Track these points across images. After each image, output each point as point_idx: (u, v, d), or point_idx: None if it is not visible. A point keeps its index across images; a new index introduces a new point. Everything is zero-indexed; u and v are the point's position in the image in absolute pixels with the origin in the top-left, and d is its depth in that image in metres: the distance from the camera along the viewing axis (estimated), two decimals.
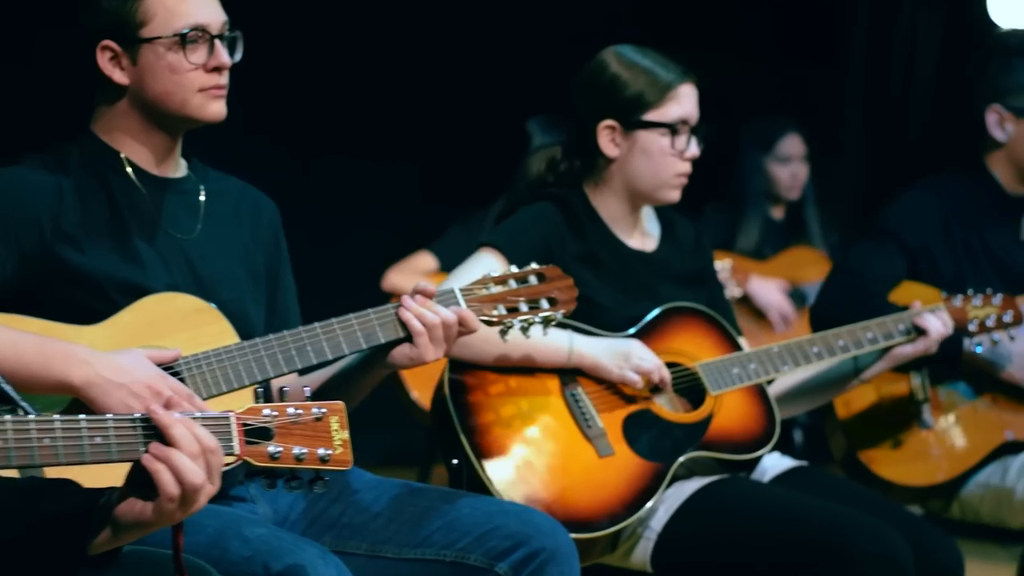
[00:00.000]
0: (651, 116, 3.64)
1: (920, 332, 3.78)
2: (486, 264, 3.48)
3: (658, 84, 3.64)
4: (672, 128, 3.64)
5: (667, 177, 3.68)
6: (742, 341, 3.79)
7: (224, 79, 3.07)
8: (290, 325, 3.11)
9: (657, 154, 3.66)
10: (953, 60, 7.97)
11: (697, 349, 3.66)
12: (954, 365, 4.07)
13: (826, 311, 4.03)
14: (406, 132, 6.66)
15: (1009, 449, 4.10)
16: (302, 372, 3.13)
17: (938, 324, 3.75)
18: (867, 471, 4.08)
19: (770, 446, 3.60)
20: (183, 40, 3.01)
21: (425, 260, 6.08)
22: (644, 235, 3.79)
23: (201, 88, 3.04)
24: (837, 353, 3.73)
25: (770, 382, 3.74)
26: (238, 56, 3.10)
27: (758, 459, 3.61)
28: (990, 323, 3.88)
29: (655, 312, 3.65)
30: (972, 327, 3.87)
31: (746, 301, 6.28)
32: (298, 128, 6.45)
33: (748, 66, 7.43)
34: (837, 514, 3.41)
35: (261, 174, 3.36)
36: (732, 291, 6.03)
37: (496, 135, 5.95)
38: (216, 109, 3.07)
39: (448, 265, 6.20)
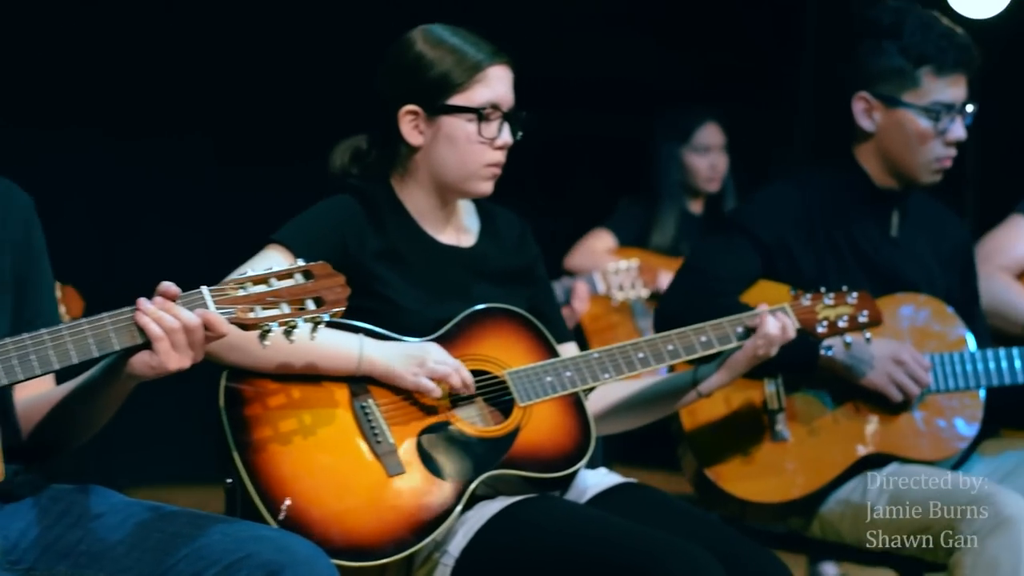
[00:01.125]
0: (456, 100, 3.33)
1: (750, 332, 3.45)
2: (270, 262, 3.17)
3: (465, 64, 3.32)
4: (479, 113, 3.33)
5: (475, 167, 3.36)
6: (568, 347, 3.47)
7: None
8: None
9: (463, 142, 3.34)
10: None
11: (508, 355, 3.34)
12: (808, 371, 3.75)
13: (669, 313, 3.69)
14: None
15: (873, 463, 3.77)
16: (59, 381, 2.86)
17: (774, 325, 3.42)
18: (715, 488, 3.75)
19: (582, 463, 3.28)
20: None
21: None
22: (459, 230, 3.47)
23: None
24: (665, 359, 3.41)
25: (589, 392, 3.42)
26: None
27: (570, 477, 3.29)
28: (842, 324, 3.54)
29: (463, 314, 3.34)
30: (821, 328, 3.53)
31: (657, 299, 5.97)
32: None
33: (688, 55, 7.16)
34: (648, 537, 3.09)
35: None
36: (640, 291, 5.70)
37: None
38: None
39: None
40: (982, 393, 3.85)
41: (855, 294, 3.57)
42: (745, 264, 3.81)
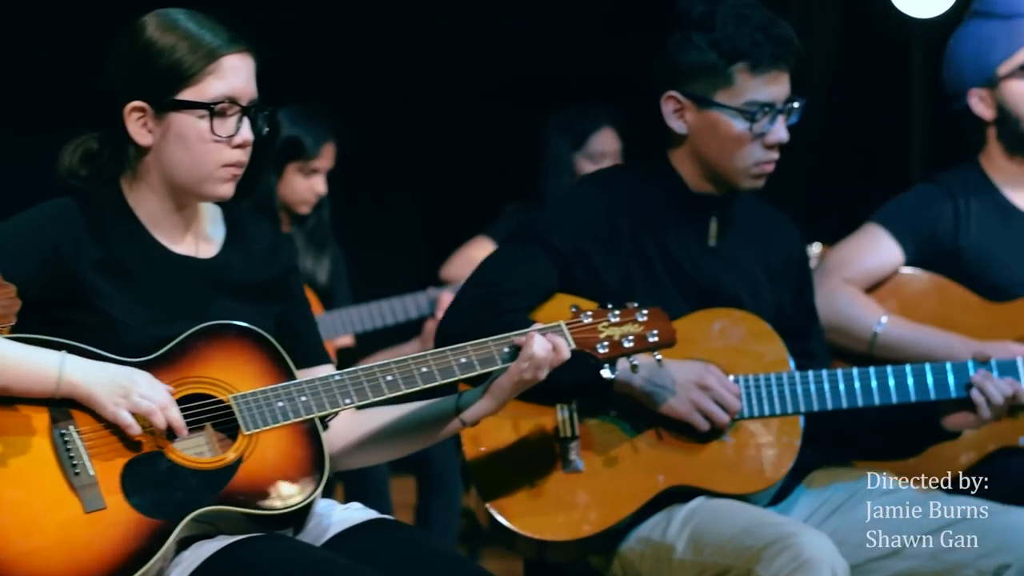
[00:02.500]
0: (186, 94, 2.99)
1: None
2: None
3: (197, 54, 2.99)
4: (211, 109, 2.99)
5: (210, 169, 3.03)
6: (321, 370, 3.13)
7: None
8: None
9: (195, 141, 3.01)
10: (852, 56, 7.40)
11: (238, 378, 2.99)
12: (601, 396, 3.40)
13: (450, 331, 3.33)
14: None
15: (678, 496, 3.42)
16: None
17: (541, 346, 3.06)
18: (498, 524, 3.40)
19: (310, 498, 2.94)
20: None
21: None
22: (199, 238, 3.13)
23: None
24: (418, 383, 3.06)
25: (328, 419, 3.08)
26: None
27: (299, 514, 2.95)
28: (627, 344, 3.18)
29: (188, 332, 3.00)
30: (602, 348, 3.17)
31: None
32: None
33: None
34: None
35: None
36: None
37: None
38: None
39: None
40: (802, 420, 3.50)
41: (645, 311, 3.21)
42: (539, 276, 3.46)
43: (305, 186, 5.42)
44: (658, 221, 3.55)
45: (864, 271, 4.13)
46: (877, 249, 4.14)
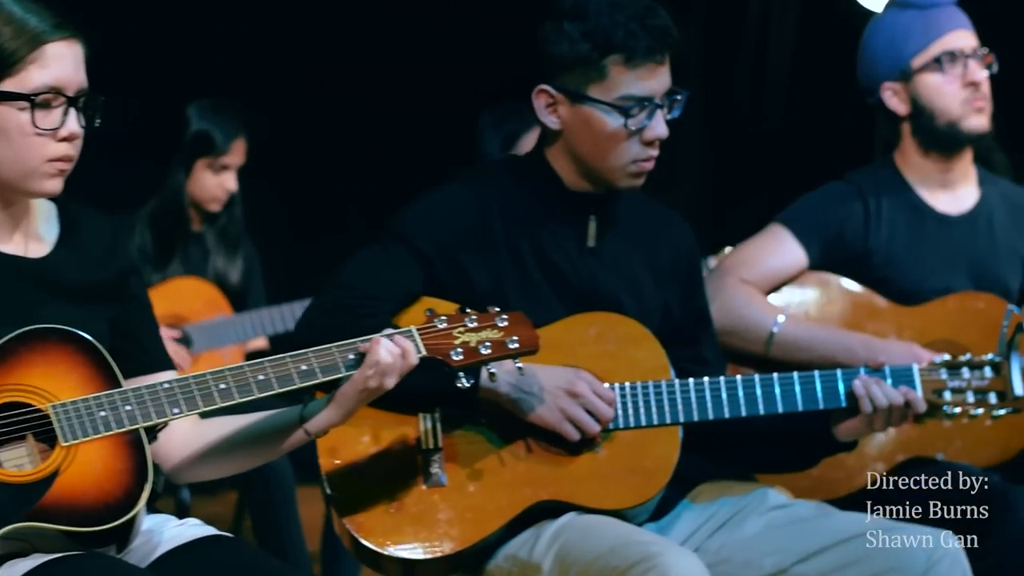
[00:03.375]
0: (7, 84, 2.82)
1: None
2: None
3: (19, 40, 2.81)
4: (31, 100, 2.81)
5: (35, 164, 2.85)
6: (160, 376, 2.94)
7: None
8: None
9: (17, 134, 2.83)
10: (812, 51, 7.25)
11: (60, 386, 2.80)
12: (465, 405, 3.21)
13: (305, 337, 3.12)
14: None
15: (548, 511, 3.23)
16: None
17: (386, 352, 2.88)
18: (357, 543, 3.21)
19: (128, 515, 2.75)
20: None
21: None
22: (29, 237, 2.95)
23: None
24: (254, 391, 2.87)
25: (158, 429, 2.89)
26: None
27: (117, 531, 2.76)
28: (484, 350, 2.99)
29: (7, 337, 2.81)
30: (456, 355, 2.98)
31: None
32: None
33: None
34: None
35: None
36: None
37: None
38: None
39: None
40: (681, 431, 3.31)
41: (506, 316, 3.02)
42: (401, 279, 3.27)
43: (215, 183, 5.25)
44: (533, 221, 3.36)
45: (764, 273, 3.95)
46: (779, 250, 3.96)
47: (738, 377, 3.31)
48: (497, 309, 3.03)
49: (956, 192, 4.05)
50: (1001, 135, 6.42)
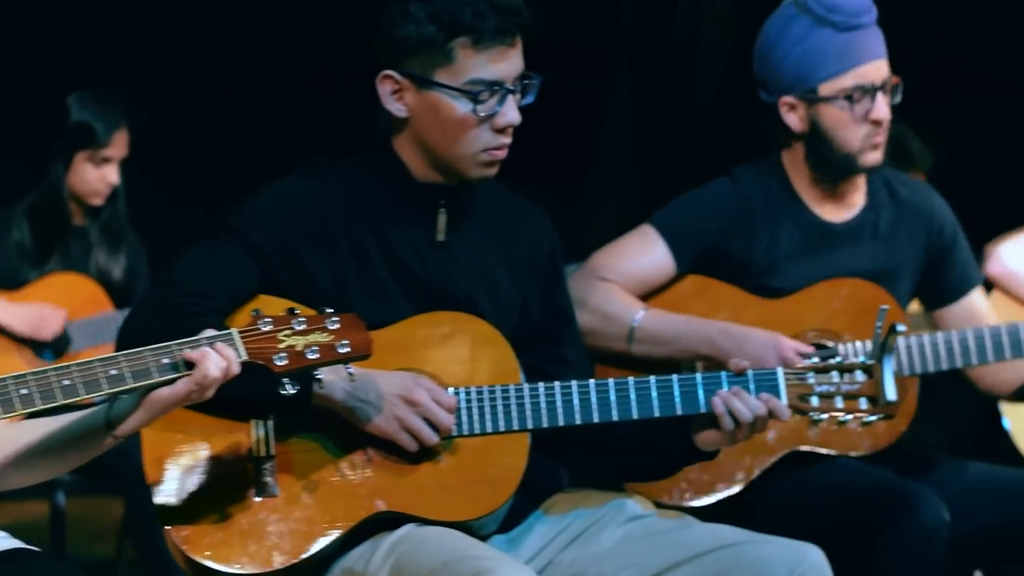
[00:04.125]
0: None
1: (190, 366, 2.74)
2: None
3: None
4: None
5: None
6: None
7: None
8: None
9: None
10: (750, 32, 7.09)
11: None
12: (297, 411, 3.02)
13: (129, 337, 2.95)
14: None
15: (387, 523, 3.04)
16: None
17: (212, 369, 2.69)
18: (185, 556, 3.01)
19: None
20: None
21: None
22: None
23: None
24: (58, 398, 2.68)
25: None
26: None
27: None
28: (312, 355, 2.81)
29: None
30: (280, 360, 2.80)
31: None
32: None
33: None
34: None
35: None
36: None
37: None
38: None
39: None
40: (530, 437, 3.13)
41: (337, 318, 2.84)
42: (234, 276, 3.08)
43: (96, 176, 5.06)
44: (380, 215, 3.17)
45: (628, 277, 3.79)
46: (647, 256, 3.80)
47: (591, 381, 3.13)
48: (330, 311, 2.85)
49: (843, 200, 3.87)
50: (921, 126, 6.32)
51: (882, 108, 3.75)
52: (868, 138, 3.75)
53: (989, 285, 4.39)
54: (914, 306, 4.03)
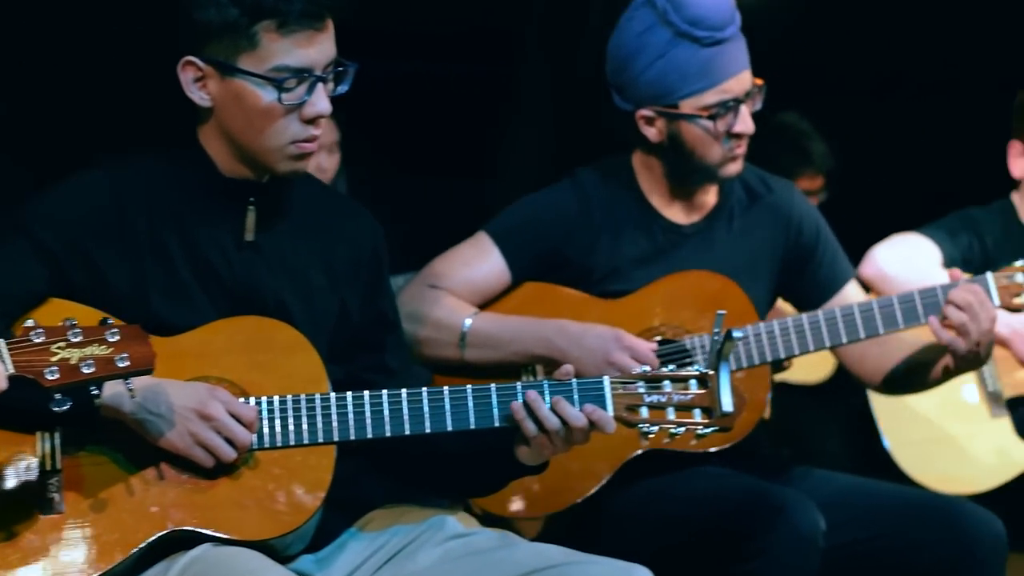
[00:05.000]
0: None
1: None
2: None
3: None
4: None
5: None
6: None
7: None
8: None
9: None
10: None
11: None
12: (84, 424, 2.81)
13: None
14: None
15: (184, 543, 2.83)
16: None
17: None
18: None
19: None
20: None
21: None
22: None
23: None
24: None
25: None
26: None
27: None
28: (87, 369, 2.61)
29: None
30: (51, 374, 2.59)
31: None
32: None
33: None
34: None
35: None
36: None
37: None
38: None
39: None
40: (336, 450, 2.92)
41: (117, 330, 2.63)
42: (19, 278, 2.86)
43: None
44: (183, 212, 2.97)
45: (462, 285, 3.61)
46: (482, 264, 3.64)
47: (403, 391, 2.93)
48: (110, 321, 2.65)
49: (693, 202, 3.68)
50: (819, 123, 6.16)
51: (745, 121, 3.57)
52: (730, 151, 3.58)
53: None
54: None
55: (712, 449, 3.51)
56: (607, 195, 3.65)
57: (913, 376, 3.69)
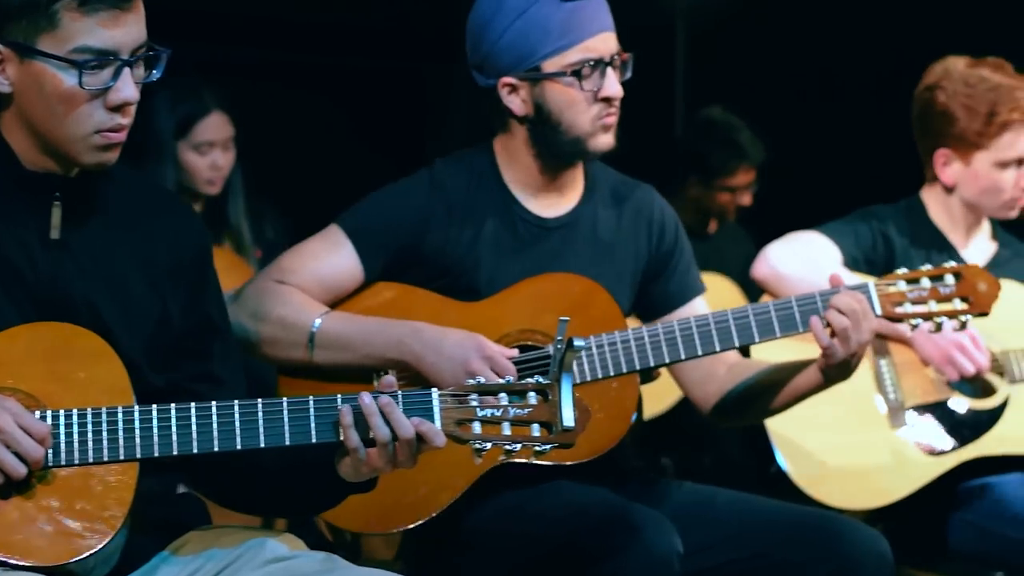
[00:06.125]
0: None
1: None
2: None
3: None
4: None
5: None
6: None
7: None
8: None
9: None
10: None
11: None
12: None
13: None
14: None
15: None
16: None
17: None
18: None
19: None
20: None
21: None
22: None
23: None
24: None
25: None
26: None
27: None
28: None
29: None
30: None
31: None
32: None
33: None
34: None
35: None
36: None
37: None
38: None
39: None
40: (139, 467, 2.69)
41: None
42: None
43: None
44: None
45: (311, 281, 3.37)
46: (333, 260, 3.41)
47: (213, 404, 2.69)
48: None
49: (557, 194, 3.46)
50: (750, 119, 5.97)
51: (613, 84, 3.35)
52: (599, 118, 3.35)
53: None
54: None
55: (569, 463, 3.29)
56: (465, 186, 3.43)
57: (756, 400, 3.50)
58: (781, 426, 3.89)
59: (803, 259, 3.94)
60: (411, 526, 3.31)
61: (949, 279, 3.39)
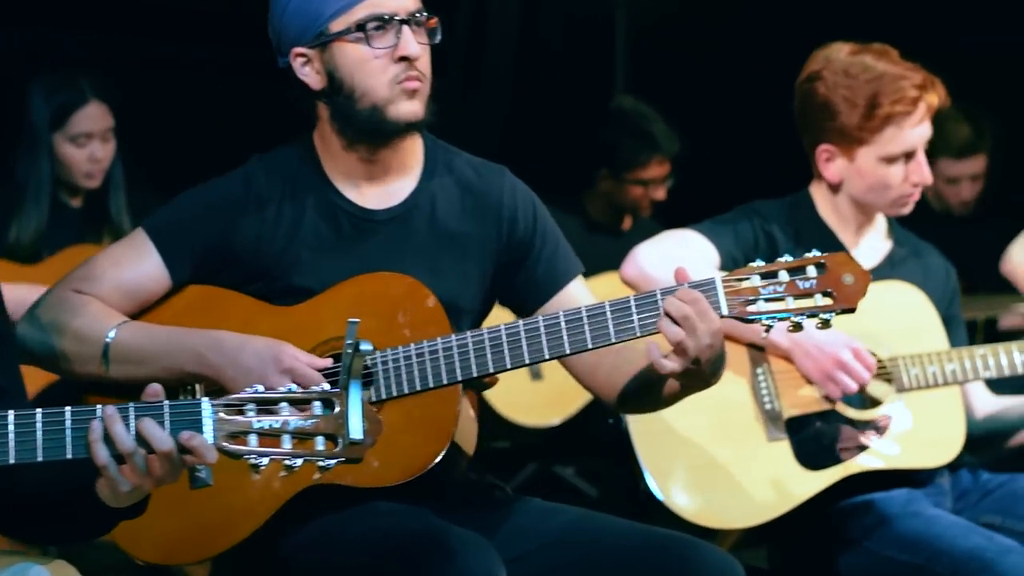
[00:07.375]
0: None
1: None
2: None
3: None
4: None
5: None
6: None
7: None
8: None
9: None
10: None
11: None
12: None
13: None
14: None
15: None
16: None
17: None
18: None
19: None
20: None
21: None
22: None
23: None
24: None
25: None
26: None
27: None
28: None
29: None
30: None
31: None
32: None
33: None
34: None
35: None
36: None
37: None
38: None
39: None
40: None
41: None
42: None
43: None
44: None
45: (112, 289, 3.11)
46: (138, 265, 3.14)
47: None
48: None
49: (385, 184, 3.19)
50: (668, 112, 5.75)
51: (410, 43, 3.06)
52: (396, 81, 3.07)
53: None
54: None
55: (383, 485, 3.03)
56: (280, 180, 3.16)
57: (644, 392, 3.18)
58: (648, 441, 3.64)
59: (675, 260, 3.63)
60: (207, 558, 3.05)
61: (811, 271, 2.98)
